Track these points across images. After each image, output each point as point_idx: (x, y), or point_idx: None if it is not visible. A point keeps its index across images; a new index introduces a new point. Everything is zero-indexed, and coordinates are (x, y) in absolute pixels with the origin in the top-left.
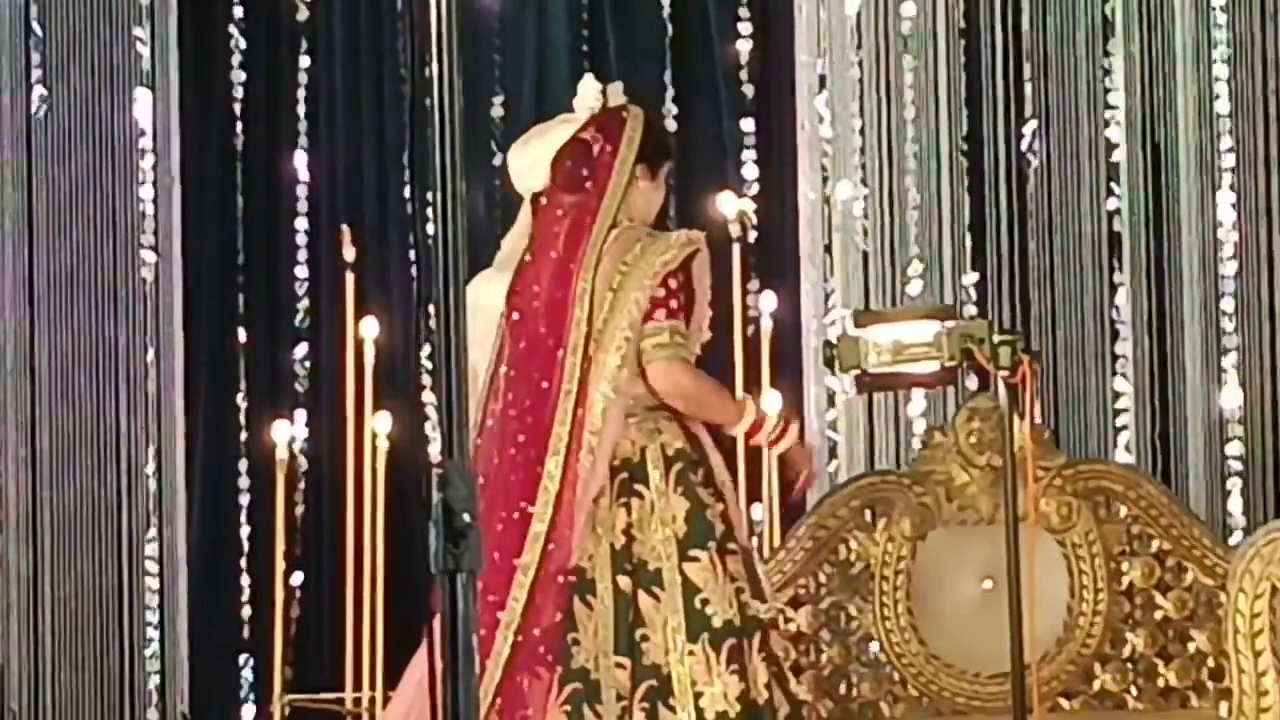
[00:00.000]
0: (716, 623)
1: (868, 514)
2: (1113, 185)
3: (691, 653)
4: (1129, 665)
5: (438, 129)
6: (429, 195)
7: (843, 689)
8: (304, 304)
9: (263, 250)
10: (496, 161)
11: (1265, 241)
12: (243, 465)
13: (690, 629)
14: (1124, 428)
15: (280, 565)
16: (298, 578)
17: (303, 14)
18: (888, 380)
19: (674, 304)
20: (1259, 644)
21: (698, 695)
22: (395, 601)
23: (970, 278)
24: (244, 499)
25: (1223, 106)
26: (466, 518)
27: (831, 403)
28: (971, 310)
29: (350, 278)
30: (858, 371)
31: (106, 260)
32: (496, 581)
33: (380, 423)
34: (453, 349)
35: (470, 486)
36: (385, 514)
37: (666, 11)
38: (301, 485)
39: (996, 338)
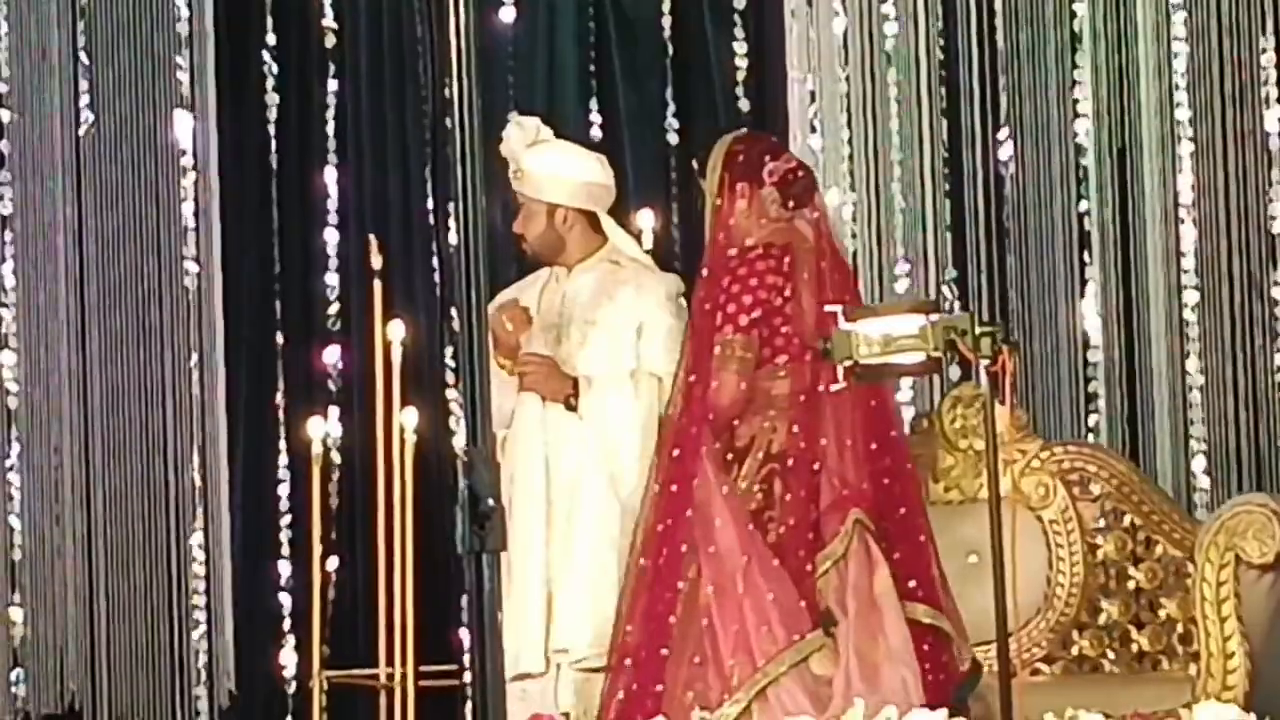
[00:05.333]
0: None
1: None
2: (1082, 188)
3: None
4: (1104, 632)
5: (458, 145)
6: (450, 206)
7: None
8: (335, 309)
9: (297, 260)
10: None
11: (1223, 237)
12: (281, 460)
13: None
14: (1096, 411)
15: (317, 551)
16: (333, 563)
17: (330, 40)
18: (877, 370)
19: None
20: (1225, 610)
21: None
22: (424, 583)
23: (952, 274)
24: (283, 490)
25: (1183, 114)
26: (490, 501)
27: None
28: (954, 304)
29: (378, 284)
30: (850, 362)
31: (151, 272)
32: None
33: (408, 418)
34: (475, 348)
35: (493, 473)
36: (414, 502)
37: (667, 34)
38: (336, 477)
39: (978, 329)
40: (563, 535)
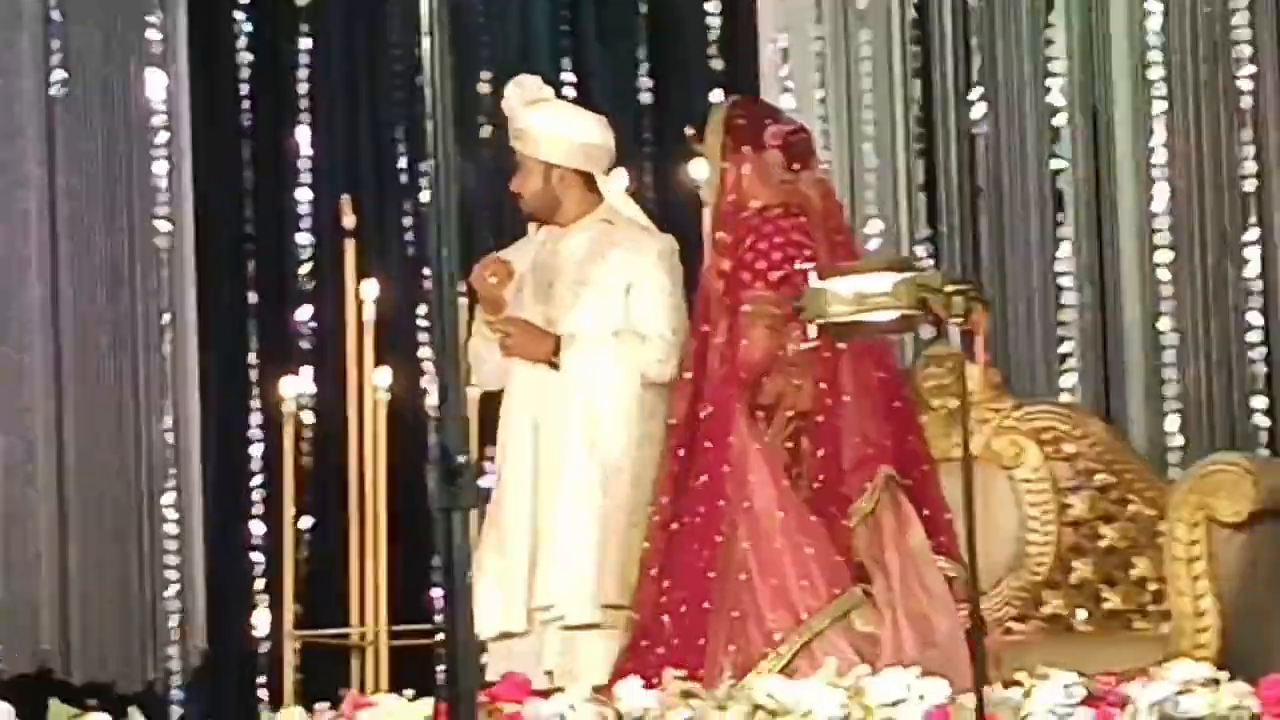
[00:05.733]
0: None
1: None
2: (1055, 147)
3: None
4: (1076, 591)
5: (431, 105)
6: (423, 166)
7: None
8: (308, 268)
9: (269, 219)
10: (485, 133)
11: (1196, 197)
12: (254, 419)
13: None
14: (1069, 371)
15: (290, 511)
16: (306, 522)
17: None
18: (850, 328)
19: None
20: (1196, 569)
21: None
22: (397, 541)
23: (925, 233)
24: (255, 450)
25: (1155, 73)
26: (462, 459)
27: None
28: (927, 263)
29: (350, 243)
30: (822, 320)
31: (123, 231)
32: None
33: (380, 377)
34: (446, 306)
35: (465, 430)
36: (387, 461)
37: None
38: (309, 436)
39: (950, 287)
40: (547, 494)
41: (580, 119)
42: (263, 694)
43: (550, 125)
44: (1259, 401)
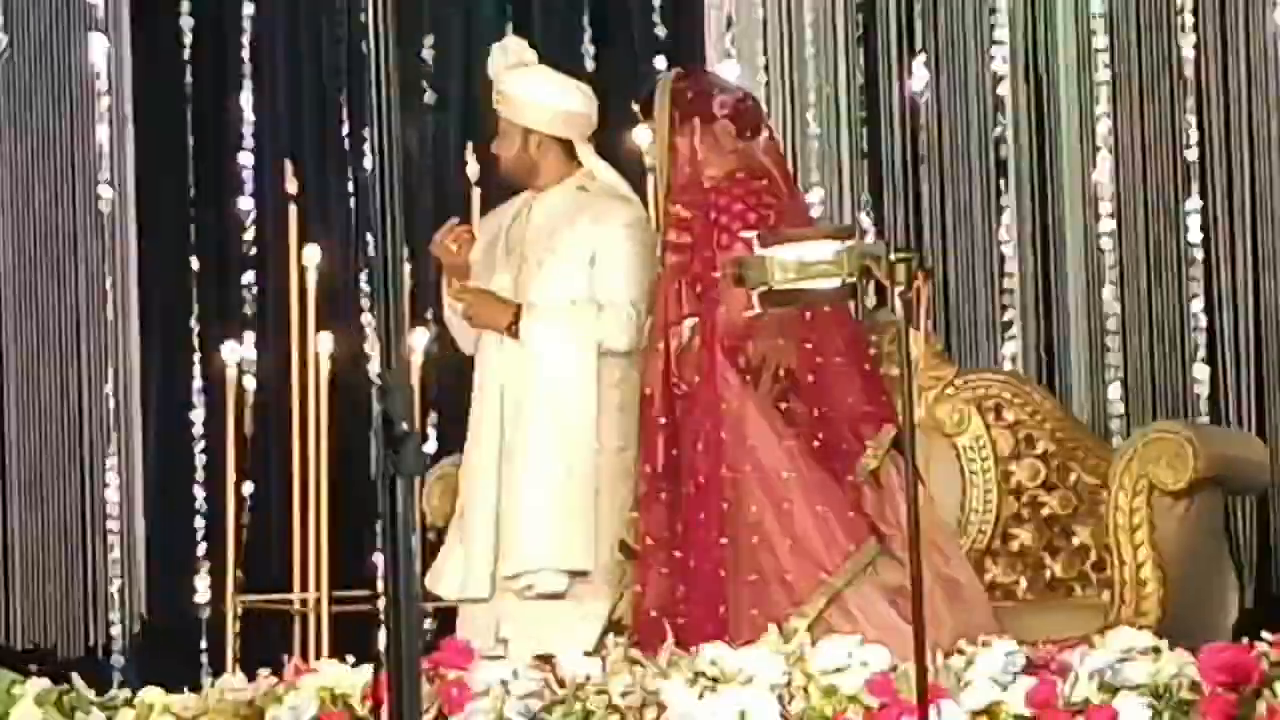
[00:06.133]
0: None
1: None
2: (998, 115)
3: None
4: (1018, 559)
5: (374, 71)
6: (365, 132)
7: None
8: (251, 234)
9: (212, 184)
10: (429, 99)
11: (1139, 166)
12: (195, 384)
13: None
14: (1011, 339)
15: (231, 476)
16: (248, 488)
17: None
18: (792, 295)
19: None
20: (1138, 538)
21: None
22: (338, 508)
23: (867, 201)
24: (197, 415)
25: (1100, 41)
26: (405, 426)
27: None
28: (870, 231)
29: (293, 209)
30: (764, 287)
31: (66, 195)
32: None
33: (323, 343)
34: (389, 273)
35: (408, 396)
36: (329, 427)
37: None
38: (251, 402)
39: (893, 255)
40: (511, 463)
41: (560, 85)
42: (204, 659)
43: (531, 90)
44: (1200, 370)
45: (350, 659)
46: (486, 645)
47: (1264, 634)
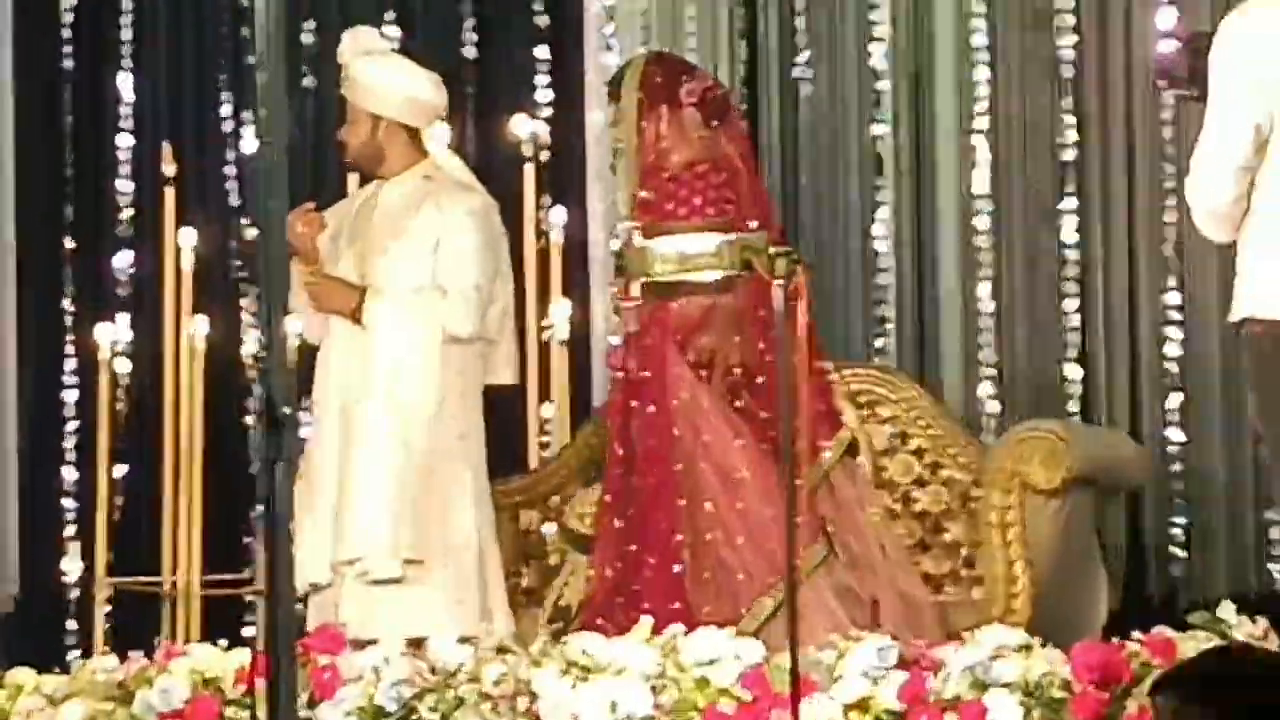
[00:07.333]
0: None
1: None
2: (876, 111)
3: None
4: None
5: (262, 53)
6: (245, 115)
7: None
8: (127, 214)
9: (89, 164)
10: (307, 83)
11: (1015, 164)
12: (69, 364)
13: None
14: (884, 335)
15: (104, 458)
16: (121, 469)
17: None
18: (673, 287)
19: None
20: (1010, 535)
21: None
22: (211, 490)
23: None
24: (69, 396)
25: (978, 40)
26: (286, 409)
27: (617, 312)
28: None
29: (170, 191)
30: (645, 278)
31: None
32: None
33: (198, 325)
34: (271, 255)
35: (289, 380)
36: (203, 410)
37: None
38: (125, 384)
39: (773, 249)
40: (350, 448)
41: (411, 73)
42: (71, 640)
43: (380, 77)
44: (1073, 370)
45: (223, 642)
46: None
47: (1135, 634)
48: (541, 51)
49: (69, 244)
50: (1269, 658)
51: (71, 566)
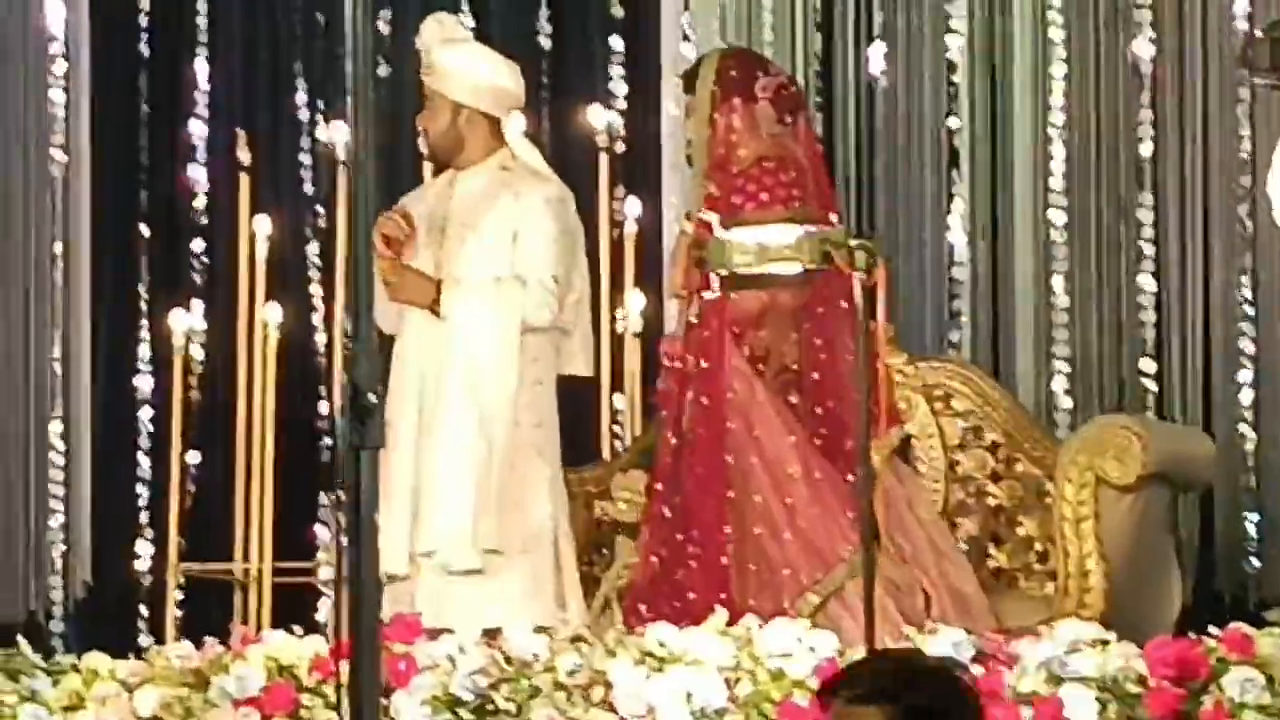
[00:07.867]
0: None
1: None
2: (952, 104)
3: None
4: (963, 548)
5: (349, 40)
6: (318, 102)
7: None
8: (202, 202)
9: (165, 151)
10: (381, 72)
11: (1092, 158)
12: (143, 351)
13: None
14: (959, 328)
15: (177, 445)
16: (193, 457)
17: None
18: (754, 280)
19: None
20: (1083, 530)
21: None
22: (282, 478)
23: None
24: (143, 383)
25: (1056, 34)
26: (372, 397)
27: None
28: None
29: (245, 178)
30: (725, 271)
31: (18, 159)
32: None
33: (271, 313)
34: (358, 242)
35: (376, 367)
36: (275, 397)
37: None
38: (198, 371)
39: (853, 242)
40: (429, 439)
41: (493, 61)
42: (143, 626)
43: (462, 64)
44: (1147, 365)
45: (298, 629)
46: None
47: (1211, 629)
48: (617, 42)
49: (144, 231)
50: (931, 661)
51: (144, 552)
